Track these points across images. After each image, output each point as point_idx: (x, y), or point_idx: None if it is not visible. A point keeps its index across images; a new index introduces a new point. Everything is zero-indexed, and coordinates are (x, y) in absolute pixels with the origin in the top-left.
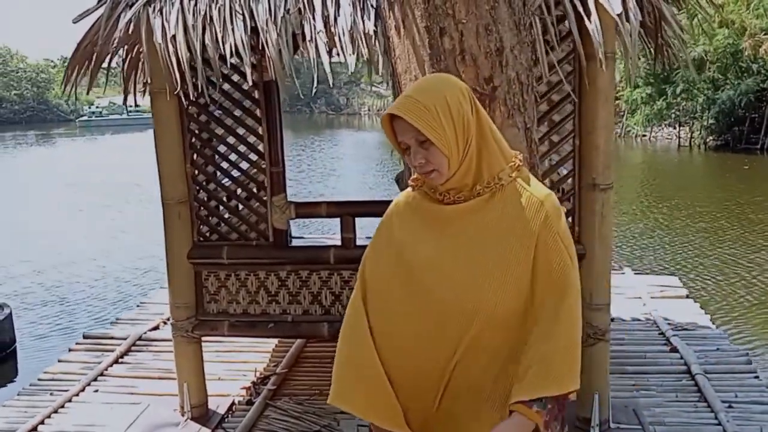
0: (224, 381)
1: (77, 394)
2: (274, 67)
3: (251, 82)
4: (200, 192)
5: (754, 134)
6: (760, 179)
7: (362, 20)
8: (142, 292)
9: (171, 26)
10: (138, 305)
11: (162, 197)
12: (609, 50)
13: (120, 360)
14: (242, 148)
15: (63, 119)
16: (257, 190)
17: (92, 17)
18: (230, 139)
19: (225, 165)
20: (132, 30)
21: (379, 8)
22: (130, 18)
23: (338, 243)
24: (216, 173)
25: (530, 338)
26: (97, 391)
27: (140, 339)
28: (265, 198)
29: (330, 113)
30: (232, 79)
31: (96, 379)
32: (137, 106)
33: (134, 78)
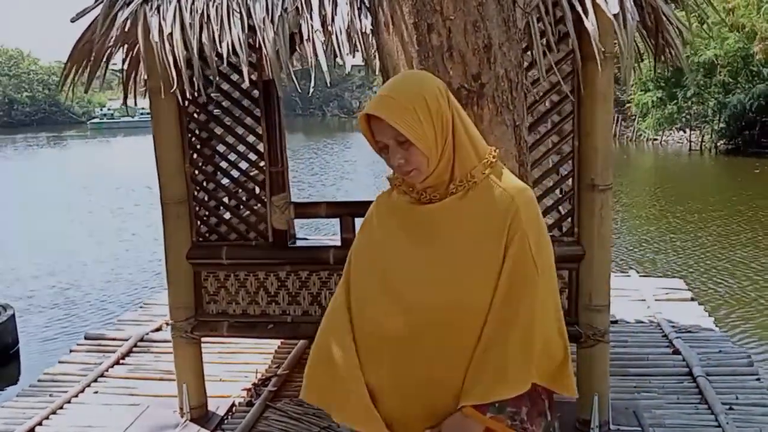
0: (225, 382)
1: (76, 396)
2: (272, 67)
3: (248, 81)
4: (199, 192)
5: (765, 138)
6: None
7: (359, 19)
8: (150, 295)
9: (168, 24)
10: (141, 306)
11: (161, 197)
12: (607, 51)
13: (121, 361)
14: (241, 148)
15: (74, 121)
16: (257, 190)
17: (91, 16)
18: (229, 139)
19: (224, 165)
20: (129, 28)
21: (371, 5)
22: (127, 16)
23: (338, 244)
24: (215, 173)
25: (482, 340)
26: (97, 393)
27: (142, 340)
28: (265, 198)
29: (342, 116)
30: (231, 78)
31: (96, 380)
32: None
33: (135, 78)
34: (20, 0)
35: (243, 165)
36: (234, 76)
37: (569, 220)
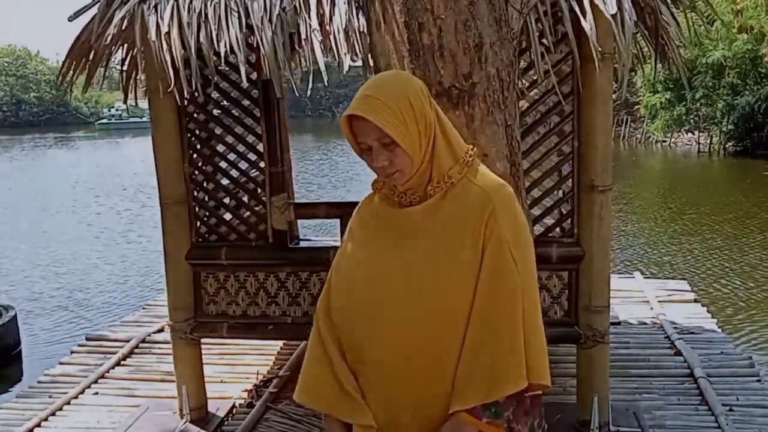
0: (226, 383)
1: (76, 397)
2: (269, 67)
3: (245, 81)
4: (199, 192)
5: None
6: None
7: (357, 18)
8: (154, 296)
9: (165, 24)
10: (143, 307)
11: (160, 197)
12: (606, 51)
13: (122, 362)
14: (241, 148)
15: (83, 122)
16: (256, 191)
17: (91, 15)
18: (229, 139)
19: (224, 165)
20: (126, 27)
21: (364, 4)
22: (124, 15)
23: (339, 244)
24: (215, 173)
25: (468, 342)
26: (97, 394)
27: (144, 341)
28: (265, 198)
29: None
30: (230, 78)
31: (96, 382)
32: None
33: (135, 78)
34: None
35: (243, 165)
36: (233, 76)
37: (569, 221)
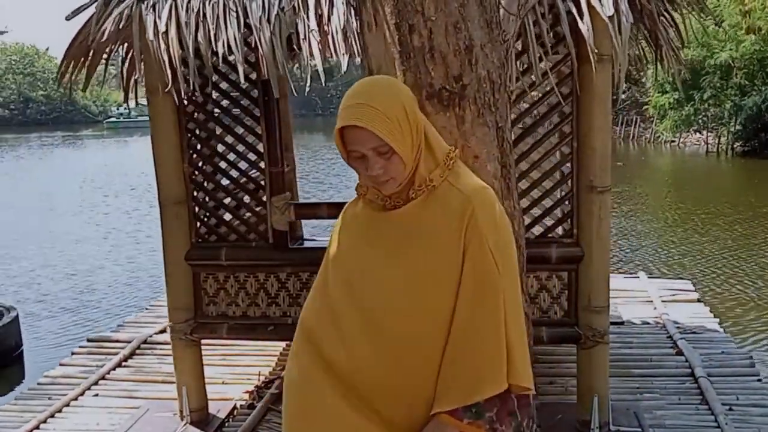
0: (227, 384)
1: (76, 398)
2: (268, 66)
3: (243, 80)
4: (198, 192)
5: None
6: None
7: (355, 19)
8: (156, 297)
9: (163, 23)
10: (146, 308)
11: (159, 197)
12: (603, 53)
13: (123, 363)
14: (241, 148)
15: (91, 120)
16: (256, 191)
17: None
18: (229, 139)
19: (223, 165)
20: (124, 26)
21: (356, 5)
22: (121, 14)
23: None
24: (215, 173)
25: (449, 346)
26: (97, 395)
27: (145, 342)
28: (265, 199)
29: None
30: (230, 78)
31: (97, 383)
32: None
33: (136, 77)
34: None
35: (243, 165)
36: (233, 75)
37: (568, 222)
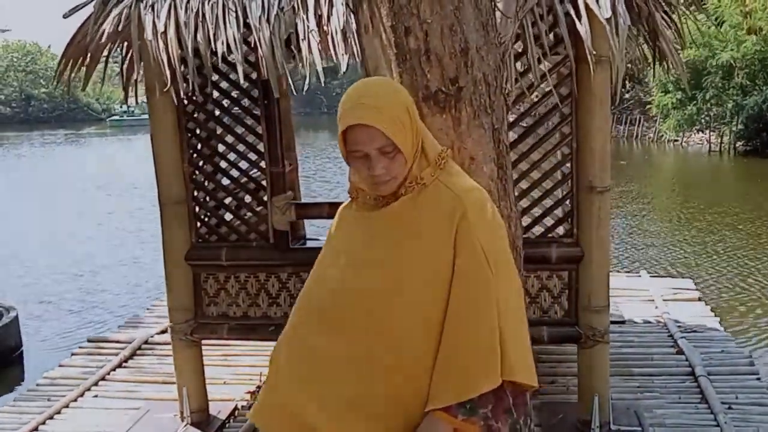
0: (229, 385)
1: (75, 400)
2: (267, 66)
3: (245, 80)
4: (198, 192)
5: None
6: None
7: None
8: (158, 296)
9: (162, 23)
10: (148, 308)
11: (159, 197)
12: (602, 54)
13: (123, 364)
14: (241, 148)
15: (94, 118)
16: (257, 191)
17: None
18: (229, 138)
19: (224, 164)
20: (122, 26)
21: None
22: (119, 13)
23: None
24: (215, 173)
25: (443, 346)
26: (97, 396)
27: (146, 342)
28: (265, 198)
29: None
30: (230, 77)
31: (97, 384)
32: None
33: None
34: None
35: (243, 165)
36: (233, 75)
37: (568, 222)
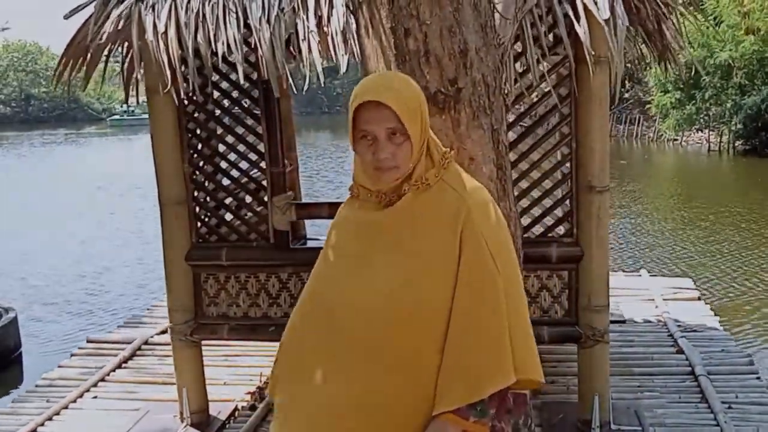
0: (229, 386)
1: (74, 400)
2: (267, 66)
3: (245, 80)
4: (199, 192)
5: None
6: None
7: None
8: (158, 297)
9: (162, 23)
10: (148, 309)
11: (159, 198)
12: (600, 55)
13: (123, 365)
14: (242, 148)
15: (94, 118)
16: (257, 191)
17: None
18: (229, 139)
19: (224, 165)
20: (124, 26)
21: (353, 9)
22: (120, 14)
23: None
24: (215, 173)
25: (449, 345)
26: (96, 397)
27: (146, 343)
28: (266, 198)
29: None
30: (230, 78)
31: (96, 385)
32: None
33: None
34: None
35: (243, 165)
36: (233, 75)
37: (568, 221)
